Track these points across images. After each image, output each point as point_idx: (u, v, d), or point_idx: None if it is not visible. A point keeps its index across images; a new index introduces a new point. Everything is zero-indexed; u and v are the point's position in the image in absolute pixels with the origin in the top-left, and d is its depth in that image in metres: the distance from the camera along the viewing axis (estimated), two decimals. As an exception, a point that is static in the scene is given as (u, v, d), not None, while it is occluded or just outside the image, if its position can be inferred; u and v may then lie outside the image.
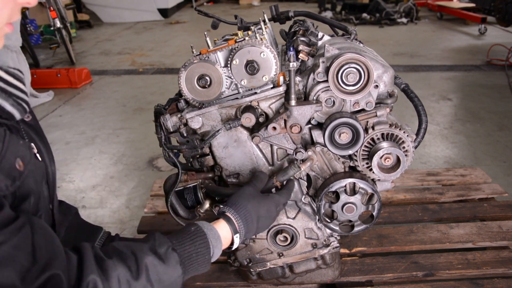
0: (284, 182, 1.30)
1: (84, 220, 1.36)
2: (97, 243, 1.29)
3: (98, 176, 2.95)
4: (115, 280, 0.86)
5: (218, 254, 1.06)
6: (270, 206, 1.19)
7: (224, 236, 1.08)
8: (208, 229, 1.05)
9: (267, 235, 1.46)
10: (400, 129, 1.27)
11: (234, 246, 1.12)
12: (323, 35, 1.53)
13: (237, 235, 1.11)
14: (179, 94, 1.38)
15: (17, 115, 0.90)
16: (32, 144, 0.98)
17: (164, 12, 9.25)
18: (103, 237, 1.31)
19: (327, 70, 1.22)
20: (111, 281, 0.86)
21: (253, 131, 1.32)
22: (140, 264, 0.90)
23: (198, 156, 1.38)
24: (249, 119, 1.25)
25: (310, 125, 1.33)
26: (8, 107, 0.88)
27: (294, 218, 1.44)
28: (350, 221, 1.41)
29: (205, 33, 1.35)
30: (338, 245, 1.52)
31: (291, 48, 1.22)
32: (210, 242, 1.03)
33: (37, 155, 0.99)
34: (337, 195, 1.35)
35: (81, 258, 0.87)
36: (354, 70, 1.21)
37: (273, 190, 1.29)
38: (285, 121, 1.27)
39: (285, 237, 1.46)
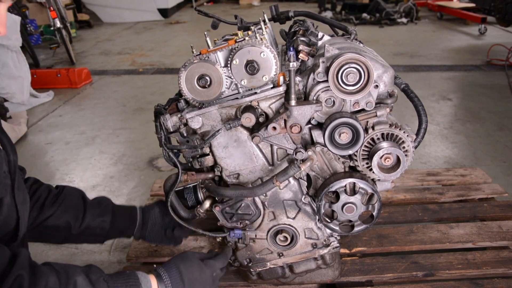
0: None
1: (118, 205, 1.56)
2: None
3: (98, 176, 2.95)
4: (42, 285, 0.90)
5: None
6: (205, 270, 1.22)
7: None
8: (143, 276, 1.11)
9: (267, 235, 1.46)
10: (400, 129, 1.27)
11: None
12: (323, 35, 1.53)
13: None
14: (179, 94, 1.38)
15: None
16: None
17: (164, 12, 9.25)
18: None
19: (327, 70, 1.22)
20: (38, 284, 0.90)
21: (253, 131, 1.32)
22: (70, 279, 0.95)
23: (198, 156, 1.38)
24: (249, 119, 1.25)
25: (310, 125, 1.33)
26: None
27: (294, 218, 1.44)
28: (350, 221, 1.41)
29: (205, 33, 1.35)
30: (338, 245, 1.52)
31: (291, 48, 1.22)
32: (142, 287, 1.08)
33: (0, 147, 1.09)
34: (337, 195, 1.35)
35: (16, 255, 0.92)
36: (354, 70, 1.21)
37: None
38: (285, 121, 1.27)
39: (285, 237, 1.46)
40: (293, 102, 1.24)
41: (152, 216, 1.56)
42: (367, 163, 1.30)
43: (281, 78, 1.28)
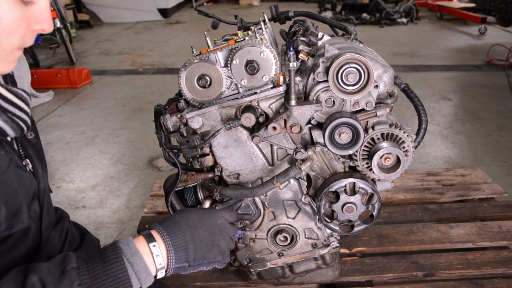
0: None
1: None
2: None
3: (98, 176, 2.95)
4: None
5: (143, 273, 0.88)
6: (206, 215, 1.05)
7: (145, 252, 0.92)
8: (124, 243, 0.90)
9: (267, 235, 1.47)
10: (400, 129, 1.27)
11: (160, 266, 0.93)
12: (323, 35, 1.53)
13: (154, 243, 0.93)
14: (179, 94, 1.38)
15: (10, 132, 0.92)
16: (28, 160, 1.01)
17: (164, 12, 9.26)
18: None
19: (327, 70, 1.22)
20: None
21: (253, 131, 1.32)
22: (26, 283, 0.79)
23: (198, 156, 1.38)
24: (249, 119, 1.25)
25: (310, 125, 1.33)
26: (9, 131, 0.90)
27: (294, 218, 1.44)
28: (350, 221, 1.41)
29: (205, 33, 1.35)
30: (338, 245, 1.52)
31: (291, 48, 1.22)
32: (125, 258, 0.87)
33: (31, 170, 1.02)
34: (337, 195, 1.35)
35: None
36: (354, 70, 1.21)
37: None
38: (285, 121, 1.27)
39: (285, 237, 1.46)
40: (293, 102, 1.24)
41: None
42: (367, 163, 1.30)
43: (281, 78, 1.28)
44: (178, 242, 0.96)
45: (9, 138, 0.97)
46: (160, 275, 0.94)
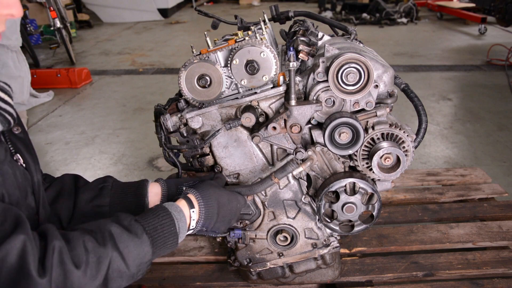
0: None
1: (125, 183, 1.37)
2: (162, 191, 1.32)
3: (98, 176, 2.94)
4: (80, 247, 0.87)
5: (183, 228, 1.07)
6: (231, 197, 1.20)
7: (186, 214, 1.09)
8: (169, 204, 1.07)
9: (267, 235, 1.47)
10: (400, 129, 1.27)
11: (192, 226, 1.12)
12: (323, 35, 1.53)
13: (193, 210, 1.11)
14: (179, 94, 1.38)
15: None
16: (18, 155, 1.01)
17: (164, 12, 9.26)
18: (163, 185, 1.33)
19: (327, 70, 1.22)
20: (77, 248, 0.87)
21: (253, 131, 1.32)
22: (104, 232, 0.92)
23: (198, 156, 1.38)
24: (249, 119, 1.25)
25: (310, 125, 1.33)
26: None
27: (294, 218, 1.44)
28: (350, 221, 1.41)
29: (205, 33, 1.35)
30: (338, 245, 1.52)
31: (291, 48, 1.22)
32: (173, 215, 1.04)
33: (23, 165, 1.01)
34: (337, 195, 1.35)
35: (45, 231, 0.88)
36: (354, 70, 1.21)
37: None
38: (285, 121, 1.27)
39: (285, 237, 1.46)
40: (293, 102, 1.24)
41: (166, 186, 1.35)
42: (367, 163, 1.30)
43: (281, 78, 1.28)
44: (209, 214, 1.14)
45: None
46: (188, 233, 1.12)
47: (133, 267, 0.94)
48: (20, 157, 1.01)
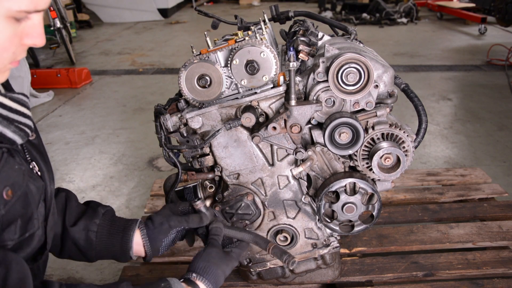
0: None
1: (118, 217, 1.29)
2: (141, 234, 1.23)
3: (98, 176, 2.95)
4: None
5: None
6: (229, 264, 1.16)
7: None
8: (175, 281, 1.03)
9: (267, 235, 1.46)
10: (400, 129, 1.27)
11: None
12: (323, 35, 1.53)
13: None
14: (179, 94, 1.38)
15: (19, 141, 0.92)
16: (34, 162, 1.02)
17: (164, 12, 9.25)
18: (142, 227, 1.24)
19: (327, 70, 1.22)
20: None
21: (253, 131, 1.32)
22: None
23: (198, 156, 1.38)
24: (249, 119, 1.25)
25: (310, 125, 1.33)
26: (9, 133, 0.89)
27: (294, 218, 1.44)
28: (350, 221, 1.41)
29: (205, 33, 1.35)
30: (338, 245, 1.52)
31: (291, 48, 1.22)
32: None
33: (38, 173, 1.02)
34: (337, 195, 1.35)
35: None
36: (354, 70, 1.21)
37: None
38: (285, 121, 1.27)
39: (285, 237, 1.46)
40: (293, 102, 1.24)
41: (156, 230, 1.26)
42: (367, 163, 1.30)
43: (281, 78, 1.28)
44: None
45: (18, 145, 0.97)
46: None
47: None
48: (35, 165, 1.02)
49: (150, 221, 1.25)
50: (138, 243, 1.22)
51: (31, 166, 1.00)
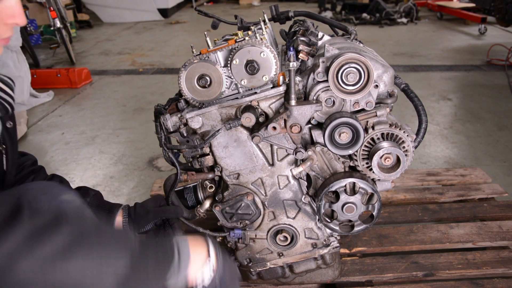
0: None
1: (105, 200, 1.46)
2: (123, 217, 1.39)
3: (98, 176, 2.95)
4: None
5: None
6: (236, 267, 1.18)
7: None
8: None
9: (267, 235, 1.46)
10: (400, 129, 1.27)
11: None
12: (323, 35, 1.53)
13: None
14: (179, 94, 1.38)
15: None
16: (4, 146, 1.13)
17: (164, 12, 9.25)
18: (125, 211, 1.41)
19: (327, 70, 1.23)
20: None
21: (253, 131, 1.32)
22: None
23: (198, 156, 1.38)
24: (249, 119, 1.25)
25: (310, 125, 1.33)
26: None
27: (294, 218, 1.44)
28: (350, 221, 1.41)
29: (205, 33, 1.35)
30: (338, 245, 1.52)
31: (291, 48, 1.22)
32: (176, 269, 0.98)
33: (4, 155, 1.13)
34: (337, 195, 1.35)
35: None
36: (354, 70, 1.21)
37: None
38: (285, 121, 1.27)
39: (285, 237, 1.46)
40: (293, 102, 1.24)
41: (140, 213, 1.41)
42: (367, 163, 1.30)
43: (281, 78, 1.28)
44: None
45: None
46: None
47: None
48: (3, 148, 1.13)
49: (133, 210, 1.41)
50: (118, 224, 1.39)
51: (0, 148, 1.11)
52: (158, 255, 0.93)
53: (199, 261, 1.00)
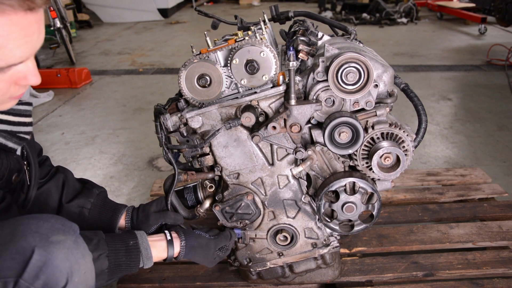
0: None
1: (110, 200, 1.48)
2: (126, 220, 1.44)
3: (98, 176, 2.95)
4: None
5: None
6: (209, 242, 1.33)
7: (157, 256, 1.24)
8: (144, 248, 1.18)
9: (267, 234, 1.46)
10: (400, 129, 1.27)
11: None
12: (323, 35, 1.53)
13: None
14: (179, 94, 1.38)
15: (18, 150, 1.08)
16: (26, 162, 1.17)
17: (164, 12, 9.25)
18: (128, 214, 1.44)
19: (327, 70, 1.23)
20: None
21: (253, 130, 1.33)
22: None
23: (198, 155, 1.38)
24: (249, 119, 1.25)
25: (310, 125, 1.33)
26: (11, 144, 1.05)
27: (294, 218, 1.44)
28: (350, 220, 1.41)
29: (205, 33, 1.35)
30: (338, 244, 1.52)
31: (291, 48, 1.22)
32: (142, 261, 1.17)
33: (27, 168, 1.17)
34: (337, 195, 1.35)
35: None
36: (354, 69, 1.21)
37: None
38: (285, 121, 1.27)
39: (285, 236, 1.46)
40: (293, 102, 1.24)
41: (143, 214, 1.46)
42: (367, 163, 1.30)
43: (281, 78, 1.28)
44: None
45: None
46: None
47: None
48: (25, 164, 1.16)
49: (135, 213, 1.44)
50: (122, 226, 1.43)
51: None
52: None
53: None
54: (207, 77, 1.26)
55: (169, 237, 1.27)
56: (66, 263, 0.88)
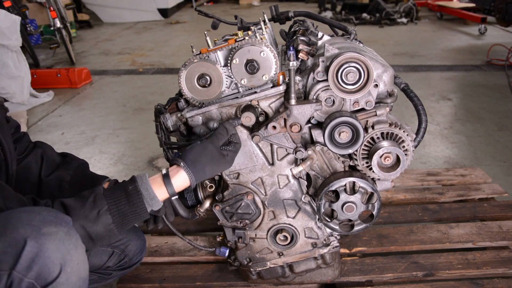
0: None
1: (91, 172, 1.43)
2: None
3: (98, 176, 2.95)
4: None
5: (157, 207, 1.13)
6: (225, 167, 1.25)
7: (161, 195, 1.14)
8: (144, 189, 1.11)
9: (267, 234, 1.46)
10: (400, 128, 1.27)
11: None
12: (323, 35, 1.53)
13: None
14: (179, 94, 1.38)
15: None
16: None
17: (164, 12, 9.25)
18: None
19: (327, 69, 1.23)
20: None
21: (253, 130, 1.32)
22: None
23: (198, 155, 1.38)
24: (249, 118, 1.25)
25: (310, 124, 1.33)
26: None
27: (294, 218, 1.44)
28: (350, 220, 1.41)
29: (205, 33, 1.35)
30: (338, 244, 1.52)
31: (291, 48, 1.22)
32: (147, 203, 1.10)
33: (1, 154, 1.13)
34: (337, 194, 1.35)
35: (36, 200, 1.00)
36: (354, 69, 1.21)
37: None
38: (285, 120, 1.27)
39: (285, 236, 1.46)
40: (293, 101, 1.24)
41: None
42: (367, 162, 1.30)
43: (281, 78, 1.28)
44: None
45: None
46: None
47: None
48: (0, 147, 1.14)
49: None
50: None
51: None
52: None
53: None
54: (207, 77, 1.26)
55: (164, 171, 1.18)
56: (58, 254, 0.88)
